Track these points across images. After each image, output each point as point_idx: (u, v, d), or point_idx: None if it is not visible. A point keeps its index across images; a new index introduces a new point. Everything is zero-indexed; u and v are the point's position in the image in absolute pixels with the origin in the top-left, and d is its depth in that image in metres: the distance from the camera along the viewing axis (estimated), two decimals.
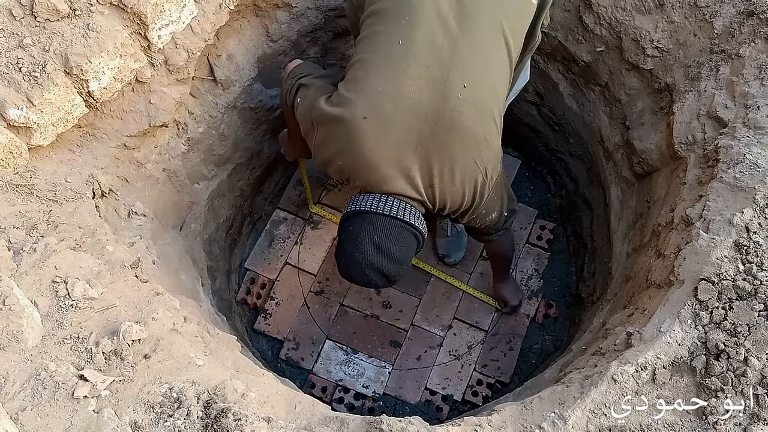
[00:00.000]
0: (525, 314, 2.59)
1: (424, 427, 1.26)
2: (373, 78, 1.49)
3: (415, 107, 1.47)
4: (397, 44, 1.48)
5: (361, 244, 1.56)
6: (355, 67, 1.55)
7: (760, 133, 1.50)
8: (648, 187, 2.01)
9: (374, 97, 1.48)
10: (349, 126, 1.49)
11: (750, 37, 1.64)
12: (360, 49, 1.56)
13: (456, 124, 1.48)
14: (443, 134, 1.49)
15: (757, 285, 1.25)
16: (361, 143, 1.49)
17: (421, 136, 1.49)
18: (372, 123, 1.48)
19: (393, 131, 1.48)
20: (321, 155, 1.62)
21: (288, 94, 1.75)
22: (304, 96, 1.67)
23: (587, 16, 2.04)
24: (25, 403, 1.07)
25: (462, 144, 1.51)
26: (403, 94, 1.46)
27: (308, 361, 2.50)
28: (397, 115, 1.47)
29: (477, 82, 1.49)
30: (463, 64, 1.47)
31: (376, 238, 1.55)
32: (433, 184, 1.55)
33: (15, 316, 1.11)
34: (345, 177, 1.64)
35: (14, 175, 1.37)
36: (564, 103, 2.41)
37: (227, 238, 2.46)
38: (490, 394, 2.46)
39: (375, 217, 1.55)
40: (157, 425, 1.09)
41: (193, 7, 1.60)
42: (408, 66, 1.46)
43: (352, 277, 1.65)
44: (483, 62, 1.51)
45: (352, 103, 1.49)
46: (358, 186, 1.62)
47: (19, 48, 1.30)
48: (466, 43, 1.47)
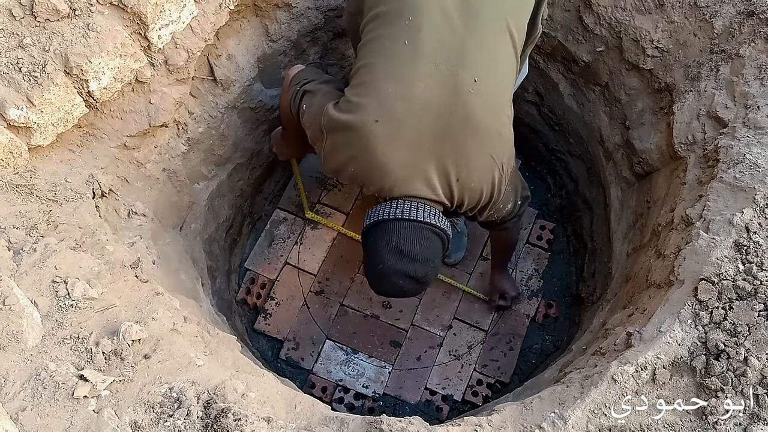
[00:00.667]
0: (525, 314, 2.59)
1: (424, 427, 1.26)
2: (382, 81, 1.48)
3: (427, 106, 1.45)
4: (403, 45, 1.47)
5: (383, 254, 1.53)
6: (361, 72, 1.53)
7: (760, 133, 1.50)
8: (648, 187, 2.01)
9: (385, 99, 1.46)
10: (361, 131, 1.47)
11: (750, 37, 1.64)
12: (364, 54, 1.54)
13: (469, 120, 1.47)
14: (457, 131, 1.47)
15: (757, 285, 1.25)
16: (373, 148, 1.47)
17: (435, 136, 1.47)
18: (384, 126, 1.46)
19: (406, 133, 1.47)
20: (332, 163, 1.59)
21: (292, 101, 1.72)
22: (310, 103, 1.64)
23: (587, 16, 2.04)
24: (25, 403, 1.07)
25: (477, 140, 1.49)
26: (414, 95, 1.45)
27: (308, 361, 2.50)
28: (409, 116, 1.46)
29: (487, 77, 1.48)
30: (471, 60, 1.46)
31: (394, 243, 1.52)
32: (451, 183, 1.53)
33: (15, 316, 1.11)
34: (359, 183, 1.62)
35: (14, 175, 1.37)
36: (564, 103, 2.41)
37: (227, 238, 2.46)
38: (490, 394, 2.46)
39: (390, 223, 1.53)
40: (157, 425, 1.09)
41: (193, 7, 1.60)
42: (416, 66, 1.45)
43: (384, 290, 1.63)
44: (491, 58, 1.50)
45: (363, 107, 1.47)
46: (372, 192, 1.59)
47: (19, 48, 1.30)
48: (473, 40, 1.47)
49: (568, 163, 2.64)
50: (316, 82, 1.70)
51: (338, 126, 1.52)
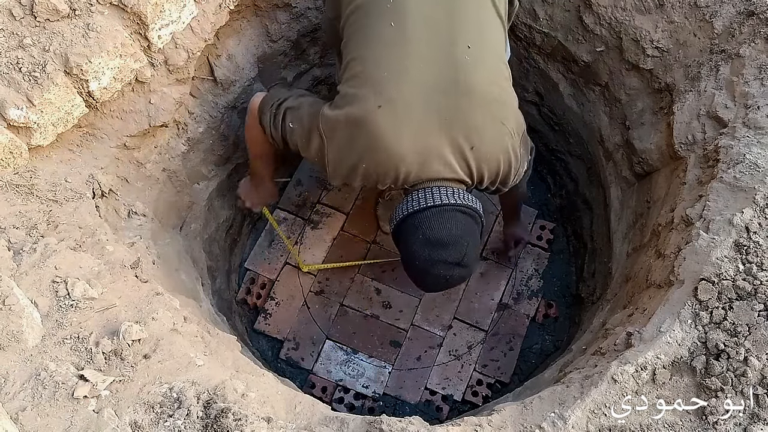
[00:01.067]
0: (525, 314, 2.59)
1: (424, 427, 1.26)
2: (376, 67, 1.44)
3: (428, 83, 1.42)
4: (389, 27, 1.43)
5: (415, 250, 1.49)
6: (351, 65, 1.49)
7: (760, 133, 1.50)
8: (648, 187, 2.01)
9: (382, 84, 1.42)
10: (365, 122, 1.42)
11: (750, 37, 1.64)
12: (351, 49, 1.50)
13: (471, 87, 1.44)
14: (463, 101, 1.44)
15: (757, 285, 1.25)
16: (381, 136, 1.42)
17: (441, 112, 1.43)
18: (387, 112, 1.41)
19: (411, 115, 1.42)
20: (342, 168, 1.52)
21: (272, 126, 1.62)
22: (299, 117, 1.56)
23: (587, 16, 2.04)
24: (25, 403, 1.07)
25: (483, 108, 1.46)
26: (412, 75, 1.42)
27: (308, 361, 2.50)
28: (411, 96, 1.42)
29: (479, 43, 1.46)
30: (460, 28, 1.45)
31: (421, 236, 1.47)
32: (467, 158, 1.48)
33: (15, 316, 1.11)
34: (373, 181, 1.54)
35: (14, 175, 1.37)
36: (564, 103, 2.41)
37: (227, 238, 2.46)
38: (490, 394, 2.46)
39: (412, 218, 1.49)
40: (157, 425, 1.09)
41: (193, 7, 1.60)
42: (408, 44, 1.42)
43: (430, 285, 1.58)
44: (478, 24, 1.49)
45: (362, 97, 1.43)
46: (387, 185, 1.53)
47: (19, 48, 1.30)
48: (457, 10, 1.45)
49: (568, 163, 2.64)
50: (294, 98, 1.61)
51: (339, 123, 1.46)
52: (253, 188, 2.11)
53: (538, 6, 2.16)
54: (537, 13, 2.17)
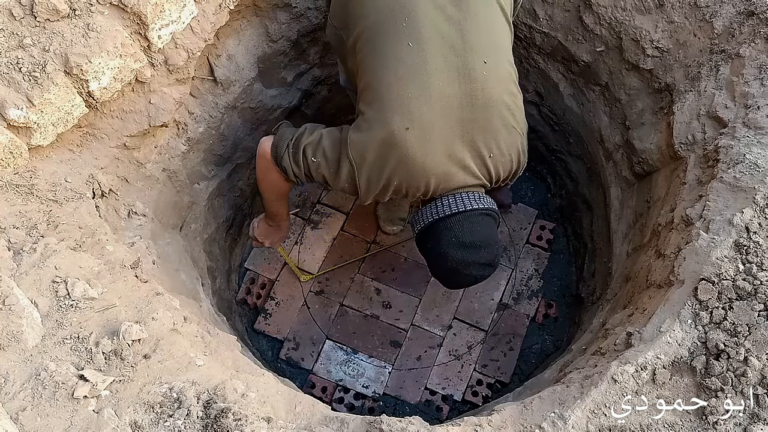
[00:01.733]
0: (525, 314, 2.59)
1: (424, 427, 1.26)
2: (399, 89, 1.48)
3: (449, 99, 1.48)
4: (408, 48, 1.48)
5: (448, 252, 1.58)
6: (373, 87, 1.52)
7: (760, 133, 1.50)
8: (648, 187, 2.01)
9: (408, 106, 1.48)
10: (395, 144, 1.49)
11: (750, 37, 1.64)
12: (370, 70, 1.53)
13: (490, 100, 1.51)
14: (482, 115, 1.51)
15: (757, 285, 1.25)
16: (412, 155, 1.50)
17: (464, 124, 1.51)
18: (416, 131, 1.48)
19: (436, 131, 1.49)
20: (376, 187, 1.58)
21: (293, 166, 1.62)
22: (320, 150, 1.58)
23: (587, 16, 2.04)
24: (25, 403, 1.07)
25: (500, 117, 1.54)
26: (434, 93, 1.48)
27: (308, 361, 2.50)
28: (435, 114, 1.48)
29: (493, 54, 1.53)
30: (474, 43, 1.50)
31: (455, 239, 1.57)
32: (487, 163, 1.58)
33: (15, 316, 1.11)
34: (403, 193, 1.62)
35: (14, 175, 1.37)
36: (564, 103, 2.41)
37: (227, 238, 2.46)
38: (490, 394, 2.46)
39: (443, 222, 1.58)
40: (157, 425, 1.09)
41: (193, 7, 1.60)
42: (427, 64, 1.48)
43: (459, 283, 1.69)
44: (489, 35, 1.55)
45: (389, 120, 1.48)
46: (416, 194, 1.61)
47: (19, 48, 1.30)
48: (470, 23, 1.51)
49: (568, 163, 2.64)
50: (307, 134, 1.62)
51: (368, 148, 1.51)
52: (267, 228, 2.15)
53: (538, 6, 2.16)
54: (537, 13, 2.17)
